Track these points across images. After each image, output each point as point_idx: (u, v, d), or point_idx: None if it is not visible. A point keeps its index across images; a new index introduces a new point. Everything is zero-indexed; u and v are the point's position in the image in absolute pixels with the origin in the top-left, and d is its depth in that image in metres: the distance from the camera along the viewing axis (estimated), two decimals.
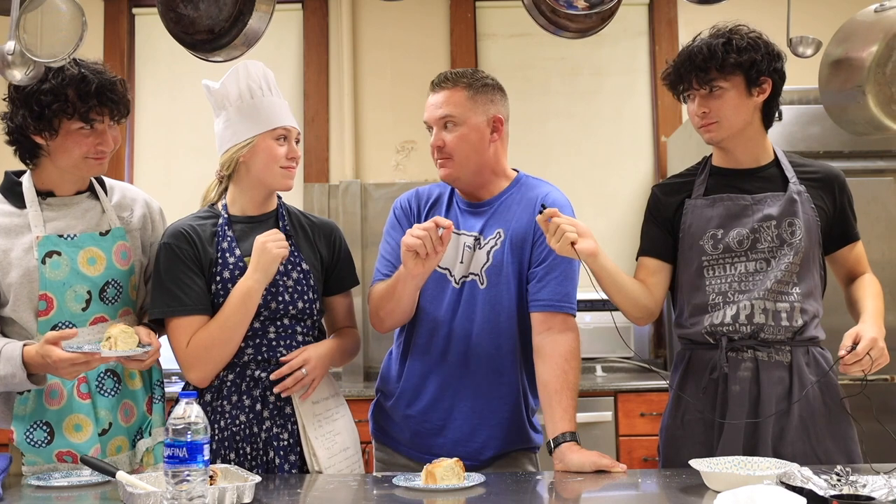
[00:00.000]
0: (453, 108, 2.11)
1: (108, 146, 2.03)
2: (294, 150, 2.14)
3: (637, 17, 4.37)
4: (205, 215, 2.16)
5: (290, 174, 2.15)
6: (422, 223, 2.04)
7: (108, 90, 1.98)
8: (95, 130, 2.00)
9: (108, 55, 4.32)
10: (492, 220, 2.14)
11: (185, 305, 2.03)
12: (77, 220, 2.06)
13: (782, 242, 2.06)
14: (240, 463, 2.03)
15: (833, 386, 2.06)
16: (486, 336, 2.09)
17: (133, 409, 2.07)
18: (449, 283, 2.13)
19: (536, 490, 1.86)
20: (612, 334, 3.89)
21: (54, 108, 1.94)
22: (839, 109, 2.32)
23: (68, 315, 1.99)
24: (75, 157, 2.00)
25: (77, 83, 1.95)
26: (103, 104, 1.98)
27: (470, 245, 2.13)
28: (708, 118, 2.07)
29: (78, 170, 2.04)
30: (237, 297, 2.01)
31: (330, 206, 4.17)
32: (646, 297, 2.12)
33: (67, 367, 1.82)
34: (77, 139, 1.99)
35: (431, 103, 2.14)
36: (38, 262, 1.97)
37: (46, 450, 1.95)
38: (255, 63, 2.14)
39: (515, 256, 2.10)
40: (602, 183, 4.28)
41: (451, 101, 2.12)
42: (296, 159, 2.15)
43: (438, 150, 2.13)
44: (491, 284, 2.10)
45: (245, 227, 2.14)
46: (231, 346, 2.04)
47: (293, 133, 2.15)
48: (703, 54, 2.03)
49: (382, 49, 4.34)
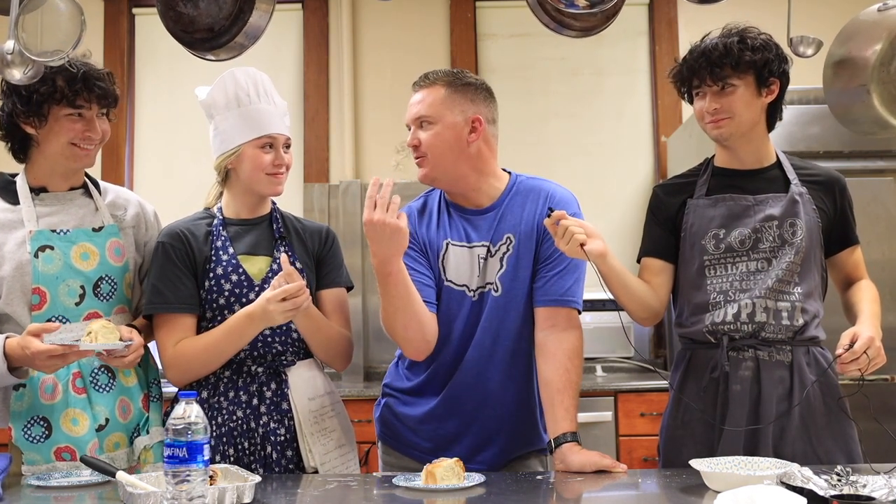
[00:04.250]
0: (427, 107, 2.09)
1: (96, 133, 2.05)
2: (280, 157, 2.14)
3: (637, 17, 4.37)
4: (201, 216, 2.21)
5: (278, 180, 2.15)
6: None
7: (94, 78, 2.02)
8: (83, 118, 2.03)
9: (108, 55, 4.32)
10: (500, 225, 2.11)
11: (169, 303, 2.08)
12: (70, 215, 2.08)
13: (783, 242, 2.06)
14: (238, 459, 2.04)
15: (833, 386, 2.06)
16: (502, 342, 2.07)
17: (130, 406, 2.07)
18: (467, 297, 2.10)
19: (536, 490, 1.86)
20: (612, 334, 3.93)
21: (42, 91, 1.98)
22: (844, 109, 2.31)
23: (62, 309, 2.00)
24: (63, 143, 2.03)
25: (64, 71, 1.99)
26: (90, 90, 2.01)
27: (483, 256, 2.10)
28: (719, 114, 2.07)
29: (65, 158, 2.05)
30: (229, 329, 2.03)
31: (330, 206, 4.17)
32: (651, 297, 2.12)
33: (45, 359, 1.82)
34: (65, 124, 2.02)
35: (410, 103, 2.14)
36: (31, 255, 1.99)
37: (45, 445, 1.95)
38: (245, 70, 2.16)
39: (527, 259, 2.08)
40: (602, 183, 4.28)
41: (426, 100, 2.10)
42: (283, 166, 2.15)
43: (414, 150, 2.12)
44: (505, 290, 2.07)
45: (239, 229, 2.18)
46: (212, 367, 2.08)
47: (279, 140, 2.14)
48: (718, 51, 2.03)
49: (382, 49, 4.34)
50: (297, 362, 2.13)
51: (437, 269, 2.11)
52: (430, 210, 2.19)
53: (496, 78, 4.31)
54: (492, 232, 2.10)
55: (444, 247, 2.12)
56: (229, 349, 2.05)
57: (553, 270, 2.06)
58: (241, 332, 2.03)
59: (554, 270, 2.06)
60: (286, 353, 2.12)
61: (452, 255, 2.11)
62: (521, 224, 2.10)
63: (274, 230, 2.20)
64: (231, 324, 2.03)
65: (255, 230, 2.18)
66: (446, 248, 2.12)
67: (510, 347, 2.08)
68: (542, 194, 2.12)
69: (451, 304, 2.10)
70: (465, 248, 2.11)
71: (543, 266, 2.07)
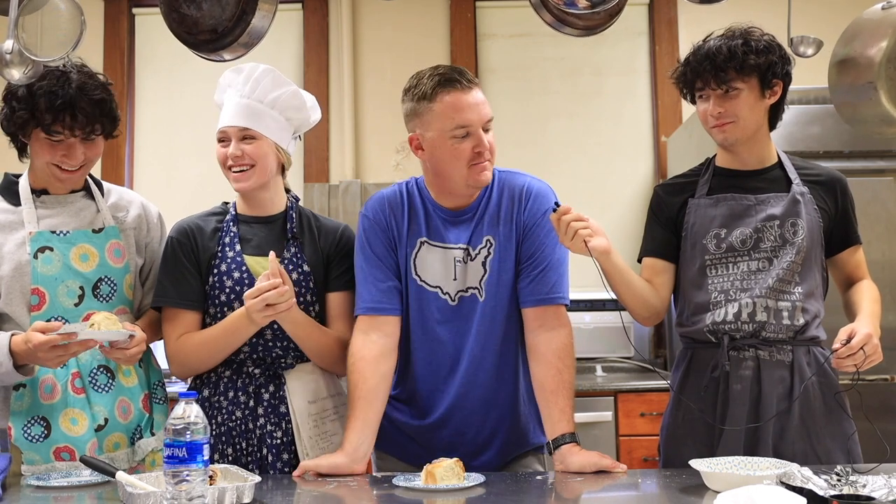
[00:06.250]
0: (489, 108, 2.00)
1: (74, 160, 2.01)
2: (233, 151, 2.08)
3: (637, 17, 4.37)
4: (215, 211, 2.21)
5: (238, 177, 2.10)
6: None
7: (78, 106, 1.95)
8: (62, 143, 1.99)
9: (108, 55, 4.32)
10: (478, 227, 2.05)
11: (171, 297, 2.11)
12: (71, 217, 2.09)
13: (785, 242, 2.06)
14: (236, 458, 2.05)
15: (834, 386, 2.06)
16: (490, 347, 2.05)
17: (130, 406, 2.07)
18: (443, 300, 2.05)
19: (536, 490, 1.86)
20: (612, 334, 3.93)
21: (19, 115, 1.97)
22: (850, 108, 2.30)
23: (61, 310, 2.00)
24: (42, 163, 2.03)
25: (47, 94, 1.94)
26: (73, 116, 1.95)
27: (460, 258, 2.05)
28: (724, 118, 2.06)
29: (48, 176, 2.06)
30: (226, 328, 2.04)
31: (330, 206, 4.17)
32: (653, 296, 2.12)
33: (46, 350, 1.82)
34: (42, 146, 2.01)
35: (473, 102, 1.97)
36: (31, 256, 1.99)
37: (44, 445, 1.95)
38: (256, 65, 2.13)
39: (509, 261, 2.04)
40: (602, 183, 4.28)
41: (486, 101, 2.01)
42: (237, 160, 2.08)
43: (486, 153, 1.99)
44: (490, 295, 2.04)
45: (251, 226, 2.17)
46: (210, 363, 2.10)
47: (231, 132, 2.09)
48: (723, 54, 2.02)
49: (382, 49, 4.34)
50: (296, 365, 2.11)
51: (408, 267, 2.06)
52: (405, 202, 2.10)
53: (496, 78, 4.31)
54: (470, 234, 2.05)
55: (418, 245, 2.07)
56: (227, 347, 2.06)
57: (537, 269, 2.03)
58: (235, 330, 2.03)
59: (538, 268, 2.03)
60: (286, 356, 2.11)
61: (427, 255, 2.06)
62: (500, 225, 2.05)
63: (288, 230, 2.17)
64: (227, 322, 2.04)
65: (266, 228, 2.17)
66: (420, 246, 2.07)
67: (498, 351, 2.05)
68: (518, 190, 2.07)
69: (424, 304, 2.06)
70: (440, 248, 2.06)
71: (526, 265, 2.04)
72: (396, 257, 2.07)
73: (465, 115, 1.95)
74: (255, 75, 2.12)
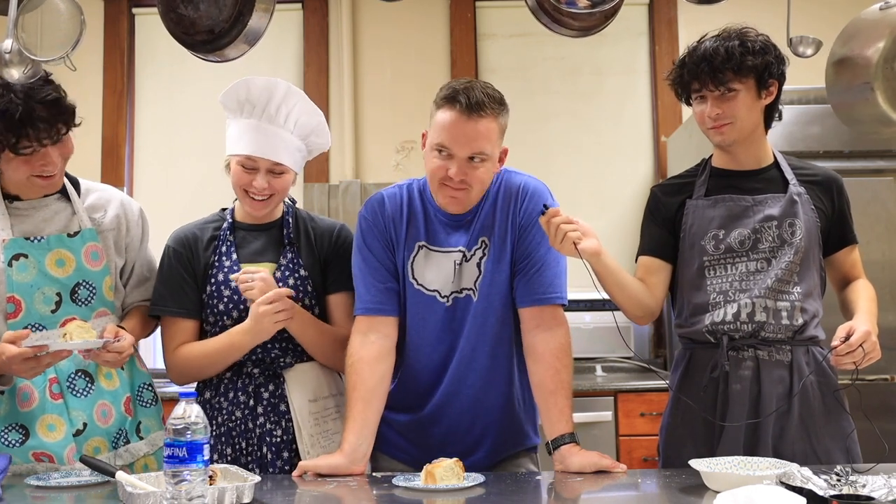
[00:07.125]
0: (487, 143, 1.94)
1: (52, 166, 1.97)
2: (261, 183, 2.05)
3: (637, 17, 4.37)
4: (212, 219, 2.22)
5: (256, 205, 2.09)
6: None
7: (35, 115, 1.88)
8: (36, 154, 1.94)
9: (108, 55, 4.32)
10: (475, 229, 2.05)
11: (167, 306, 2.13)
12: (45, 222, 2.05)
13: (783, 242, 2.06)
14: (236, 458, 2.05)
15: (832, 385, 2.06)
16: (482, 348, 2.04)
17: (111, 410, 2.05)
18: (440, 303, 2.04)
19: (536, 490, 1.86)
20: (612, 334, 3.91)
21: None
22: (847, 108, 2.30)
23: (37, 317, 1.99)
24: (22, 179, 1.98)
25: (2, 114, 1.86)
26: (34, 128, 1.89)
27: (459, 261, 2.04)
28: (721, 119, 2.06)
29: (28, 188, 2.03)
30: (224, 343, 2.06)
31: (330, 206, 4.17)
32: (647, 296, 2.12)
33: (19, 362, 1.82)
34: (17, 164, 1.95)
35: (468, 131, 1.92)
36: (5, 264, 1.97)
37: (21, 449, 1.95)
38: (268, 81, 2.09)
39: (504, 261, 2.03)
40: (602, 183, 4.28)
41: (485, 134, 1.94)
42: (263, 191, 2.07)
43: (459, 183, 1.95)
44: (483, 296, 2.03)
45: (247, 233, 2.17)
46: (209, 373, 2.12)
47: (262, 164, 2.06)
48: (720, 56, 2.01)
49: (382, 49, 4.34)
50: (295, 364, 2.12)
51: (405, 270, 2.06)
52: (404, 205, 2.08)
53: (496, 78, 4.31)
54: (468, 236, 2.05)
55: (416, 249, 2.06)
56: (226, 360, 2.09)
57: (532, 268, 2.02)
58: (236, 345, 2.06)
59: (533, 268, 2.02)
60: (285, 356, 2.12)
61: (426, 260, 2.05)
62: (495, 226, 2.04)
63: (284, 235, 2.17)
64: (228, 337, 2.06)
65: (263, 235, 2.17)
66: (418, 250, 2.06)
67: (489, 352, 2.05)
68: (514, 189, 2.06)
69: (420, 308, 2.05)
70: (440, 252, 2.05)
71: (522, 265, 2.03)
72: (395, 259, 2.07)
73: (447, 135, 1.93)
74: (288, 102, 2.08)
